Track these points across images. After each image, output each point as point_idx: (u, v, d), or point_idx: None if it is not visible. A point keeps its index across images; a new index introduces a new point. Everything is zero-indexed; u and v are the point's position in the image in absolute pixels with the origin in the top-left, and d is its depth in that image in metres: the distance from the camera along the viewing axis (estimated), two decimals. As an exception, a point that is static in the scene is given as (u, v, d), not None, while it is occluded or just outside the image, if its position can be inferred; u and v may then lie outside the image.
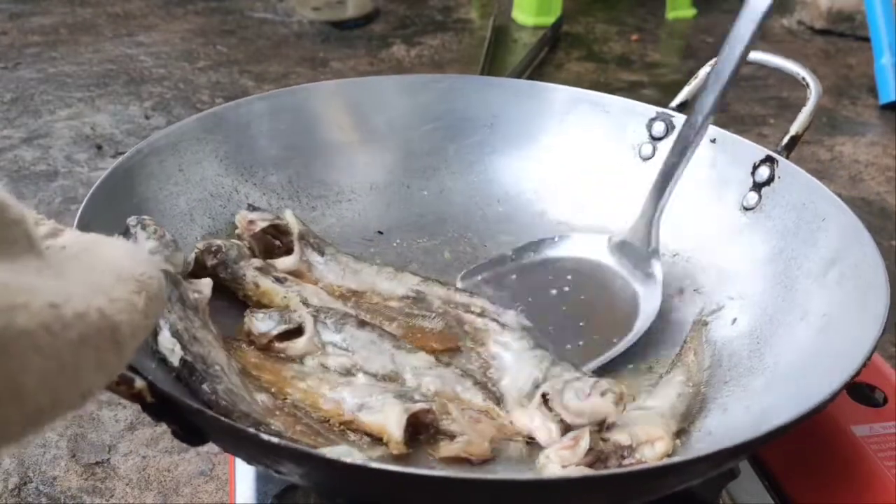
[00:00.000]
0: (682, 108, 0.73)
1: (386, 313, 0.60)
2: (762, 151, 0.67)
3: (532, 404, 0.51)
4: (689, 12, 2.12)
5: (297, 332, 0.56)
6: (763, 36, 2.27)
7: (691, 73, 0.73)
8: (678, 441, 0.52)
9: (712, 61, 0.72)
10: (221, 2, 2.13)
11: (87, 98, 1.58)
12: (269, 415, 0.49)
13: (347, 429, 0.51)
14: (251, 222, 0.63)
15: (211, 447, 0.81)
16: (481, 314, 0.61)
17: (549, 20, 1.96)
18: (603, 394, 0.49)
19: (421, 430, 0.50)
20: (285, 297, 0.59)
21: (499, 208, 0.75)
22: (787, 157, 0.66)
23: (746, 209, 0.67)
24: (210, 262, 0.59)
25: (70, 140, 1.43)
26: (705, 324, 0.62)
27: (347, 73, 1.72)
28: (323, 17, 2.03)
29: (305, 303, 0.59)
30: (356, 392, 0.51)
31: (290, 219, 0.64)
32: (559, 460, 0.48)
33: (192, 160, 0.66)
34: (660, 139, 0.72)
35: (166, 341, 0.49)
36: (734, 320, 0.62)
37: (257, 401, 0.50)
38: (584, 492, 0.42)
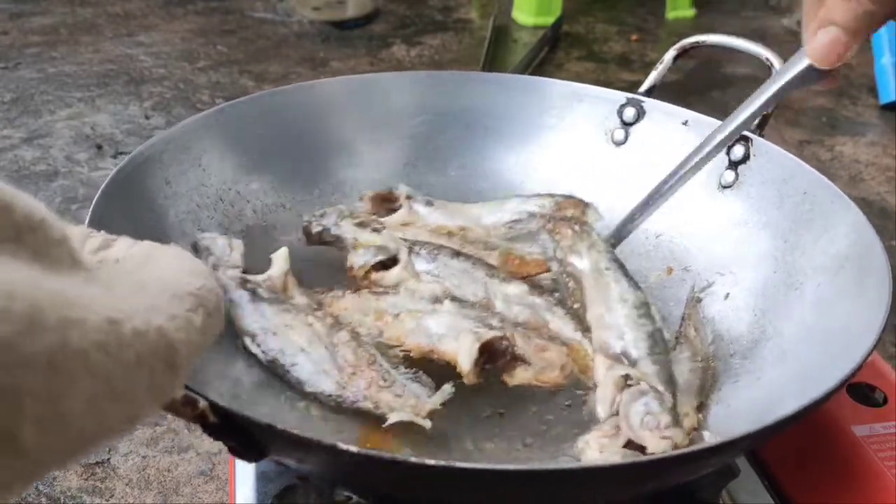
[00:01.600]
0: (650, 93, 0.75)
1: (489, 243, 0.63)
2: None
3: (611, 379, 0.52)
4: (689, 12, 2.12)
5: (393, 263, 0.59)
6: (763, 36, 2.24)
7: (691, 73, 0.74)
8: (700, 415, 0.52)
9: (677, 45, 0.75)
10: (221, 2, 2.13)
11: (87, 98, 1.58)
12: (351, 380, 0.51)
13: (428, 359, 0.53)
14: (361, 199, 0.68)
15: (210, 447, 0.81)
16: (571, 218, 0.64)
17: (549, 20, 1.96)
18: (664, 437, 0.48)
19: (497, 356, 0.51)
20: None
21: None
22: (761, 135, 0.67)
23: (724, 187, 0.68)
24: (315, 229, 0.64)
25: (70, 140, 1.43)
26: (699, 300, 0.63)
27: (347, 74, 1.72)
28: (323, 17, 2.03)
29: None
30: (440, 321, 0.53)
31: (401, 189, 0.69)
32: (598, 447, 0.48)
33: (178, 171, 0.65)
34: (631, 124, 0.74)
35: (250, 346, 0.53)
36: (727, 295, 0.63)
37: (340, 365, 0.52)
38: (619, 479, 0.42)
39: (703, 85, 1.59)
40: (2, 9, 2.01)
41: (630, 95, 0.74)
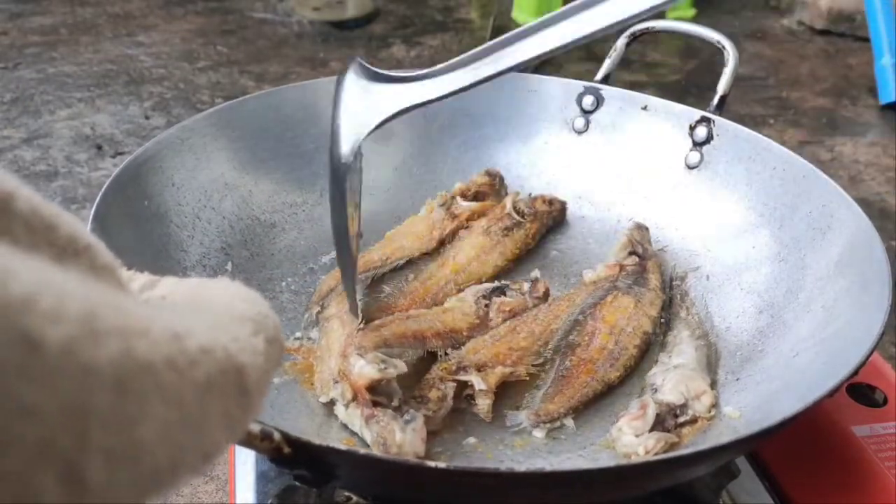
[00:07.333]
0: (606, 80, 0.76)
1: None
2: (696, 113, 0.70)
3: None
4: (689, 12, 2.12)
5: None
6: (763, 36, 2.23)
7: (691, 73, 0.74)
8: (715, 392, 0.54)
9: (627, 32, 0.77)
10: (221, 2, 2.13)
11: (87, 98, 1.58)
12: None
13: None
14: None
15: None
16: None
17: (549, 20, 1.96)
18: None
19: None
20: None
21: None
22: (719, 116, 0.68)
23: (691, 168, 0.70)
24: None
25: (70, 140, 1.43)
26: (682, 279, 0.65)
27: (347, 74, 1.71)
28: (323, 17, 2.03)
29: None
30: None
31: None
32: (632, 430, 0.50)
33: (183, 171, 0.65)
34: (591, 112, 0.75)
35: None
36: (707, 276, 0.65)
37: None
38: (620, 480, 0.43)
39: (703, 85, 1.59)
40: (2, 9, 2.01)
41: (588, 84, 0.75)
